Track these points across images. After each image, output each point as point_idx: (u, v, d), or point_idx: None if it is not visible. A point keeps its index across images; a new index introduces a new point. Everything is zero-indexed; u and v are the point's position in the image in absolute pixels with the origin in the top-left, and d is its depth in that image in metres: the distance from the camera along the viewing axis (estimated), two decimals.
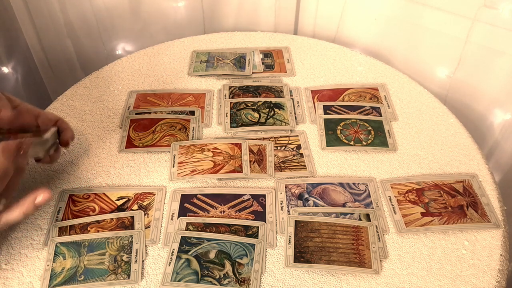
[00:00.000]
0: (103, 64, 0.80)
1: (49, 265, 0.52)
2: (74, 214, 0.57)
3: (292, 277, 0.51)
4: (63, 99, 0.73)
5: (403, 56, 0.86)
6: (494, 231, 0.55)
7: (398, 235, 0.55)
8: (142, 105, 0.71)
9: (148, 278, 0.51)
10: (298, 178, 0.61)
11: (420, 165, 0.63)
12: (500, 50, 0.73)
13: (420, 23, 0.80)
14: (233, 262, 0.51)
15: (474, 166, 0.62)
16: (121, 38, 0.98)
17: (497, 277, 0.51)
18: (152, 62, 0.80)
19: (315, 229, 0.55)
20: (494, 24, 0.71)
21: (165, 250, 0.53)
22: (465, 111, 0.82)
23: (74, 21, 0.93)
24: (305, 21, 0.94)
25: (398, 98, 0.73)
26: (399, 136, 0.67)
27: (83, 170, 0.62)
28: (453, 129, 0.68)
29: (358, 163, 0.63)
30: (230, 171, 0.61)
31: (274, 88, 0.74)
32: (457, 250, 0.53)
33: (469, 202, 0.58)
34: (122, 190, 0.60)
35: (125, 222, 0.56)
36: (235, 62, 0.79)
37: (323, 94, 0.73)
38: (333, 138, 0.66)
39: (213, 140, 0.65)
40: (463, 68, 0.79)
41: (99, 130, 0.68)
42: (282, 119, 0.68)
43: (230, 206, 0.58)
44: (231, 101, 0.71)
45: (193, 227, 0.55)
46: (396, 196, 0.59)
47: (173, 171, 0.61)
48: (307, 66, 0.79)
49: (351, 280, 0.51)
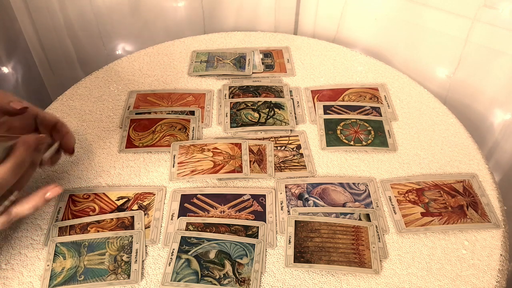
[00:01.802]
0: (103, 64, 0.80)
1: (49, 265, 0.52)
2: (74, 214, 0.57)
3: (292, 277, 0.51)
4: (63, 99, 0.73)
5: (403, 56, 0.86)
6: (494, 231, 0.55)
7: (398, 235, 0.55)
8: (142, 105, 0.71)
9: (148, 278, 0.51)
10: (298, 178, 0.61)
11: (420, 165, 0.63)
12: (500, 50, 0.73)
13: (420, 23, 0.80)
14: (233, 262, 0.51)
15: (474, 166, 0.62)
16: (121, 38, 0.98)
17: (497, 277, 0.51)
18: (152, 62, 0.80)
19: (315, 229, 0.55)
20: (494, 24, 0.71)
21: (165, 250, 0.53)
22: (465, 111, 0.82)
23: (74, 21, 0.93)
24: (305, 21, 0.94)
25: (398, 98, 0.73)
26: (399, 136, 0.67)
27: (83, 170, 0.62)
28: (453, 129, 0.68)
29: (358, 163, 0.63)
30: (230, 171, 0.61)
31: (274, 88, 0.74)
32: (457, 250, 0.53)
33: (469, 202, 0.58)
34: (122, 190, 0.60)
35: (125, 222, 0.56)
36: (235, 62, 0.79)
37: (323, 94, 0.73)
38: (333, 138, 0.66)
39: (213, 140, 0.65)
40: (463, 68, 0.79)
41: (99, 130, 0.68)
42: (282, 119, 0.68)
43: (230, 206, 0.58)
44: (231, 101, 0.71)
45: (193, 227, 0.55)
46: (396, 196, 0.58)
47: (173, 171, 0.61)
48: (307, 66, 0.79)
49: (351, 280, 0.51)
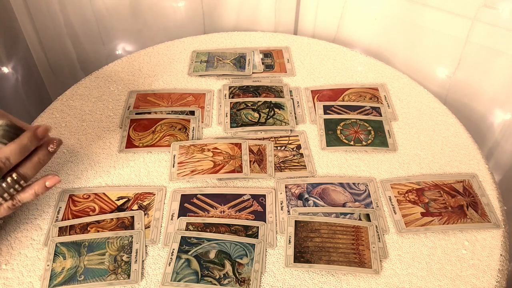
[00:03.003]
0: (103, 64, 0.80)
1: (49, 265, 0.51)
2: (74, 214, 0.57)
3: (292, 277, 0.51)
4: (63, 99, 0.73)
5: (403, 56, 0.86)
6: (494, 231, 0.55)
7: (398, 235, 0.55)
8: (142, 105, 0.71)
9: (148, 278, 0.51)
10: (298, 178, 0.61)
11: (420, 165, 0.63)
12: (500, 50, 0.73)
13: (420, 23, 0.80)
14: (233, 262, 0.51)
15: (474, 166, 0.62)
16: (121, 38, 0.98)
17: (497, 277, 0.51)
18: (152, 62, 0.80)
19: (315, 229, 0.55)
20: (494, 24, 0.71)
21: (165, 250, 0.53)
22: (465, 111, 0.82)
23: (74, 21, 0.93)
24: (305, 21, 0.94)
25: (398, 98, 0.73)
26: (399, 136, 0.67)
27: (83, 170, 0.62)
28: (453, 129, 0.68)
29: (358, 163, 0.63)
30: (230, 171, 0.61)
31: (274, 88, 0.74)
32: (457, 250, 0.53)
33: (469, 202, 0.58)
34: (122, 190, 0.60)
35: (125, 222, 0.56)
36: (235, 62, 0.79)
37: (323, 94, 0.73)
38: (333, 138, 0.66)
39: (213, 140, 0.65)
40: (463, 68, 0.79)
41: (99, 130, 0.68)
42: (282, 119, 0.68)
43: (230, 206, 0.58)
44: (231, 101, 0.71)
45: (193, 227, 0.55)
46: (396, 196, 0.58)
47: (173, 171, 0.61)
48: (307, 66, 0.79)
49: (351, 280, 0.51)
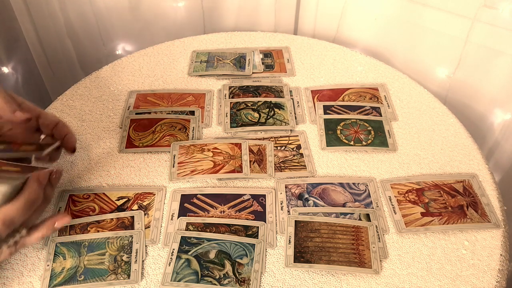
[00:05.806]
0: (103, 64, 0.80)
1: (49, 265, 0.52)
2: (74, 214, 0.57)
3: (292, 277, 0.51)
4: (63, 99, 0.73)
5: (403, 56, 0.86)
6: (494, 231, 0.55)
7: (398, 235, 0.55)
8: (142, 105, 0.71)
9: (148, 278, 0.51)
10: (298, 178, 0.61)
11: (420, 165, 0.63)
12: (500, 50, 0.73)
13: (420, 23, 0.80)
14: (233, 262, 0.51)
15: (474, 166, 0.62)
16: (121, 38, 0.98)
17: (497, 277, 0.51)
18: (152, 62, 0.80)
19: (315, 229, 0.55)
20: (494, 24, 0.71)
21: (165, 250, 0.53)
22: (465, 111, 0.82)
23: (74, 21, 0.93)
24: (305, 21, 0.94)
25: (398, 98, 0.73)
26: (399, 136, 0.67)
27: (83, 170, 0.62)
28: (453, 129, 0.68)
29: (358, 163, 0.63)
30: (230, 171, 0.61)
31: (274, 88, 0.74)
32: (457, 250, 0.53)
33: (469, 202, 0.58)
34: (122, 190, 0.60)
35: (125, 222, 0.56)
36: (235, 62, 0.79)
37: (323, 94, 0.73)
38: (333, 138, 0.66)
39: (213, 140, 0.65)
40: (463, 68, 0.79)
41: (99, 130, 0.68)
42: (282, 119, 0.68)
43: (230, 206, 0.58)
44: (231, 101, 0.71)
45: (193, 227, 0.55)
46: (396, 196, 0.58)
47: (173, 171, 0.61)
48: (307, 66, 0.79)
49: (351, 280, 0.51)
